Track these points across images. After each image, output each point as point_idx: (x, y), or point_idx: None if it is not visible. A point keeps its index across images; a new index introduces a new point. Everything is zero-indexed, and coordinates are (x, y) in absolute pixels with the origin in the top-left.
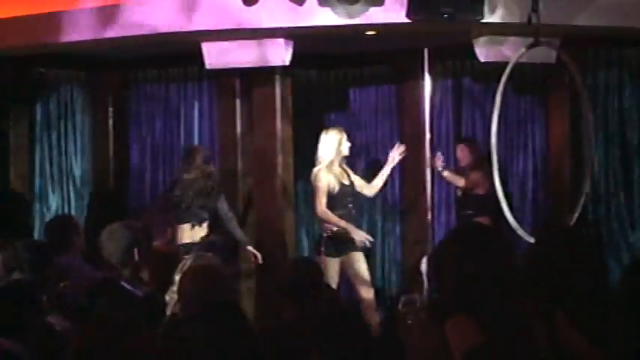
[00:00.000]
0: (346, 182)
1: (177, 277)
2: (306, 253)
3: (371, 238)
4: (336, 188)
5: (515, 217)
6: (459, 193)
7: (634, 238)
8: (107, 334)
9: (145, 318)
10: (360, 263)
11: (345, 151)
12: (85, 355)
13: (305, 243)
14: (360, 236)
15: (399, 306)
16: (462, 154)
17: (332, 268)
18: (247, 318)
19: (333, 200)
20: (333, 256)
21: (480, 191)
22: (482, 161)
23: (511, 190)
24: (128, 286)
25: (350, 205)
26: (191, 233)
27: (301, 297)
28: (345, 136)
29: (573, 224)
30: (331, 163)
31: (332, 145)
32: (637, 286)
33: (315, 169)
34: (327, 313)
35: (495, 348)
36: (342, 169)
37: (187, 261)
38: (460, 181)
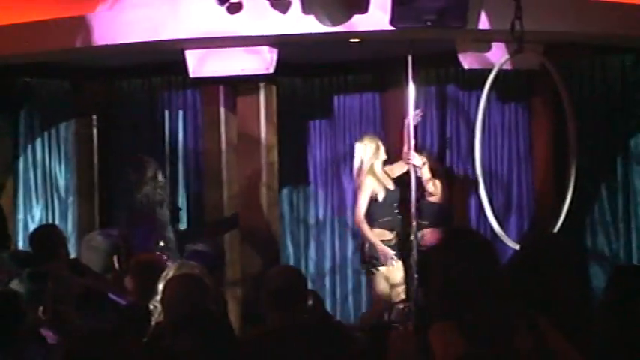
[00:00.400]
0: (391, 187)
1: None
2: (291, 260)
3: (396, 259)
4: (382, 195)
5: (499, 223)
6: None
7: (617, 244)
8: (93, 344)
9: (129, 327)
10: (395, 272)
11: (384, 156)
12: None
13: (290, 250)
14: (385, 254)
15: (391, 315)
16: None
17: (380, 277)
18: (229, 326)
19: (379, 207)
20: (377, 267)
21: (435, 200)
22: (437, 170)
23: (495, 197)
24: (113, 296)
25: (396, 211)
26: None
27: (283, 304)
28: (380, 142)
29: (557, 231)
30: (372, 167)
31: (369, 151)
32: (621, 290)
33: (361, 177)
34: (310, 320)
35: (480, 355)
36: (386, 174)
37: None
38: (435, 186)
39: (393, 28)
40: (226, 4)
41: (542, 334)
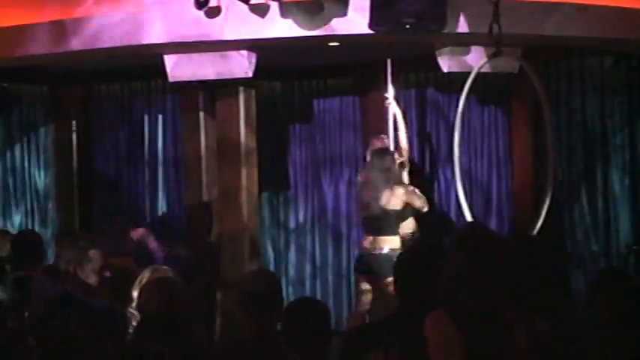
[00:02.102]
0: None
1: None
2: (271, 264)
3: None
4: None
5: None
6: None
7: (597, 247)
8: (67, 349)
9: (106, 332)
10: None
11: None
12: None
13: (270, 254)
14: None
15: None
16: None
17: None
18: (204, 331)
19: None
20: None
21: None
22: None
23: (475, 199)
24: (90, 301)
25: None
26: None
27: (258, 309)
28: None
29: (536, 233)
30: None
31: None
32: (612, 297)
33: None
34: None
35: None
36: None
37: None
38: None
39: (372, 32)
40: (205, 9)
41: (540, 335)
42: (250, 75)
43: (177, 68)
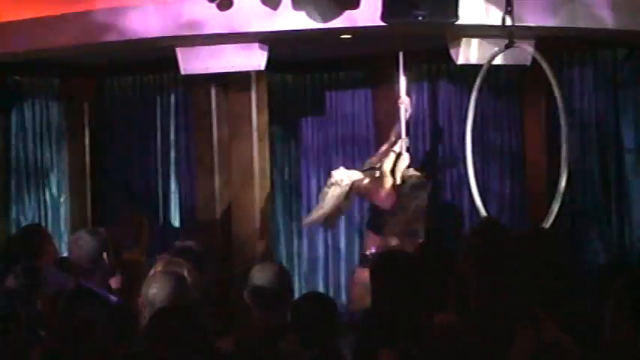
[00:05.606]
0: None
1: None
2: (283, 256)
3: None
4: None
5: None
6: None
7: (611, 239)
8: (81, 341)
9: (117, 325)
10: None
11: None
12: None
13: (282, 246)
14: None
15: None
16: None
17: None
18: (210, 324)
19: None
20: None
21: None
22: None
23: (487, 192)
24: (102, 293)
25: None
26: None
27: (267, 303)
28: None
29: (549, 226)
30: None
31: None
32: (623, 292)
33: None
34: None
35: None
36: None
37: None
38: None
39: (384, 24)
40: (217, 1)
41: (545, 331)
42: (262, 67)
43: (189, 61)
